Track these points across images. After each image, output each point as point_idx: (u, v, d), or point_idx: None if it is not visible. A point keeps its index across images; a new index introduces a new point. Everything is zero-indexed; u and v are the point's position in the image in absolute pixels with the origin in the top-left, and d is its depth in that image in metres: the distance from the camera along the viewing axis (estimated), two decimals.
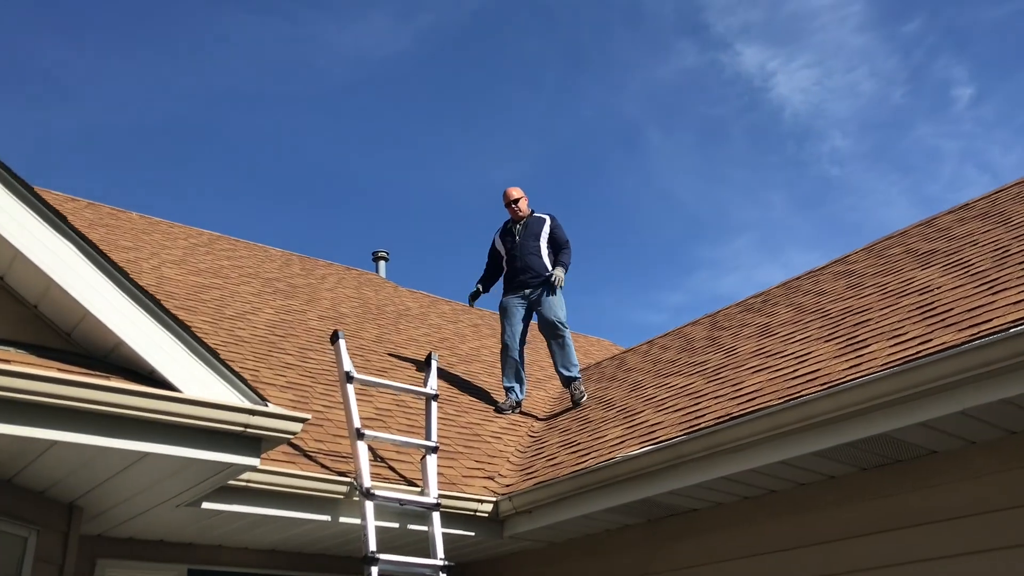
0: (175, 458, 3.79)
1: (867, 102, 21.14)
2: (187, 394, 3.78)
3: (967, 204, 7.49)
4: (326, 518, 4.96)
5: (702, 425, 4.62)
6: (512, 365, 7.60)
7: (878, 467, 4.23)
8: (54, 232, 3.76)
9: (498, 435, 6.99)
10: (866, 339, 4.71)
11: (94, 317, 3.81)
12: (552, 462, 5.78)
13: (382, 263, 14.46)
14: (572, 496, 5.11)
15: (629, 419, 5.89)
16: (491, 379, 8.94)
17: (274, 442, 4.02)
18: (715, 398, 5.15)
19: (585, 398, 7.42)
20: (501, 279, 8.00)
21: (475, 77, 21.25)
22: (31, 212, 3.73)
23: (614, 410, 6.54)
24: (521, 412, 7.61)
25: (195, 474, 4.01)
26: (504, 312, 7.73)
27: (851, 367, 4.30)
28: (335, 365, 7.51)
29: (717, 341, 7.31)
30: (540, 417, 7.53)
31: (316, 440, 5.50)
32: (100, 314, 3.80)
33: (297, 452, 5.19)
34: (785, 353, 5.41)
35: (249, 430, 3.88)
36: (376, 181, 22.61)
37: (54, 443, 3.57)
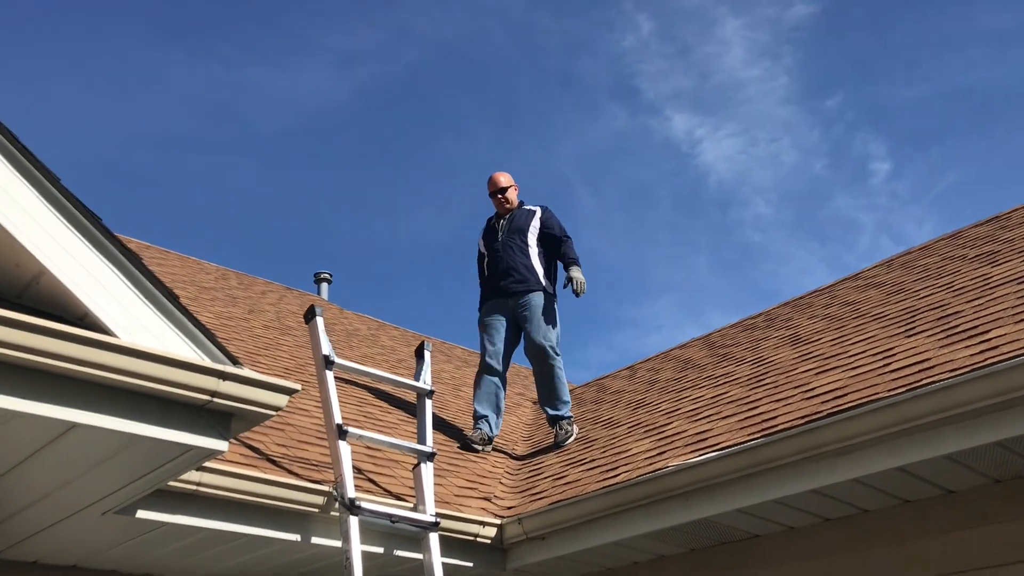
0: (112, 433, 2.70)
1: (789, 172, 21.62)
2: (135, 343, 2.71)
3: (999, 216, 6.82)
4: (295, 537, 3.87)
5: (782, 426, 3.70)
6: (488, 390, 5.96)
7: (1018, 478, 3.36)
8: None
9: (482, 455, 5.96)
10: (977, 328, 3.87)
11: (6, 234, 2.73)
12: (563, 481, 4.79)
13: (324, 285, 13.36)
14: (603, 517, 4.12)
15: (655, 432, 4.94)
16: (458, 400, 7.92)
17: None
18: (777, 401, 4.25)
19: (571, 439, 5.78)
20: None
21: (410, 130, 20.91)
22: None
23: (623, 427, 5.59)
24: (494, 449, 6.03)
25: (138, 460, 2.92)
26: (483, 326, 6.15)
27: (978, 353, 3.45)
28: (289, 371, 6.43)
29: (729, 356, 6.44)
30: (514, 455, 6.08)
31: (278, 444, 4.42)
32: (16, 229, 2.73)
33: (257, 455, 4.11)
34: (851, 353, 4.54)
35: (216, 400, 2.82)
36: (310, 226, 21.84)
37: None
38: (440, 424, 6.59)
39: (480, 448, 5.79)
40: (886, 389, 3.51)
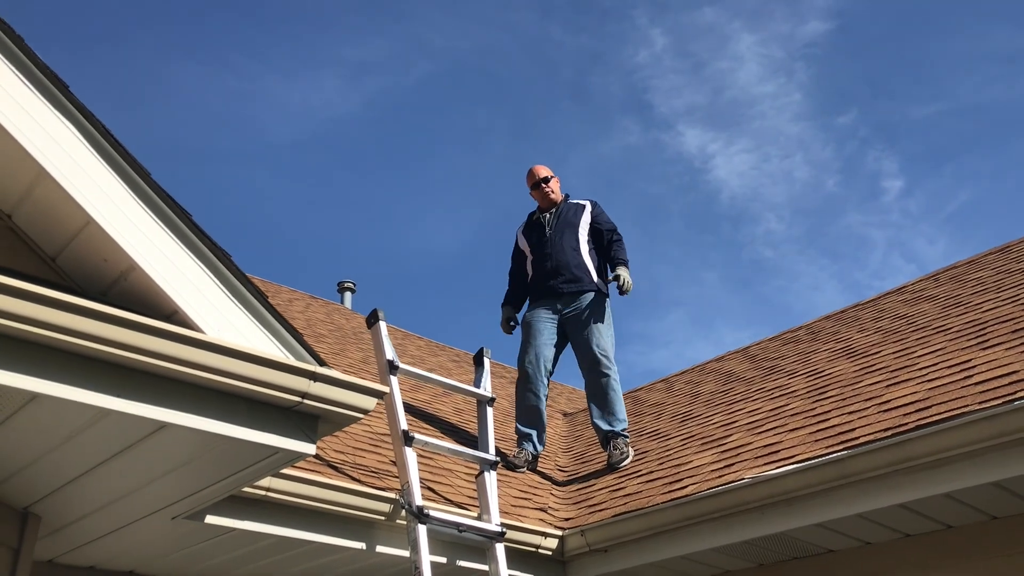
0: (202, 434, 2.63)
1: (801, 188, 21.61)
2: (230, 342, 2.64)
3: None
4: (360, 545, 3.79)
5: (863, 439, 3.61)
6: (530, 404, 5.56)
7: None
8: (40, 97, 2.62)
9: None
10: None
11: (98, 228, 2.67)
12: (622, 493, 4.69)
13: (348, 294, 13.26)
14: (672, 530, 4.03)
15: (715, 444, 4.85)
16: (495, 411, 7.81)
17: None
18: (850, 414, 4.15)
19: (628, 461, 5.26)
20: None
21: (421, 141, 20.93)
22: (8, 66, 2.60)
23: (675, 439, 5.49)
24: (537, 471, 5.57)
25: (222, 463, 2.85)
26: (527, 330, 5.67)
27: None
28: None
29: (777, 369, 6.35)
30: (560, 467, 5.98)
31: (336, 451, 4.35)
32: (108, 224, 2.66)
33: (319, 462, 4.03)
34: (921, 366, 4.45)
35: (307, 401, 2.74)
36: (324, 235, 21.84)
37: (34, 396, 2.40)
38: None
39: (524, 469, 5.42)
40: (976, 402, 3.42)
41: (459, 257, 22.62)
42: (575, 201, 5.93)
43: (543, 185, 5.88)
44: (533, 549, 4.30)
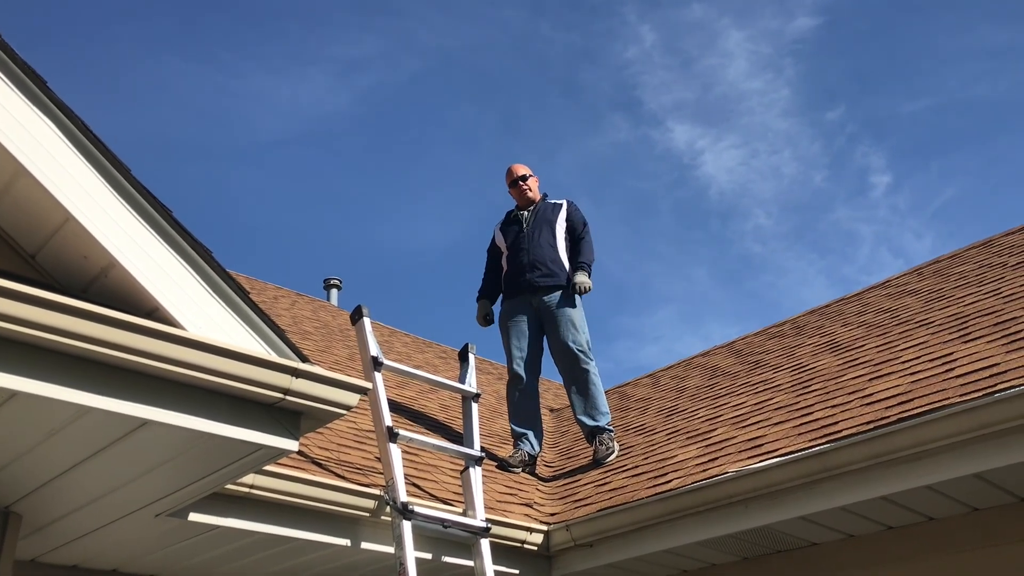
0: (183, 431, 2.62)
1: (790, 184, 21.66)
2: (212, 339, 2.63)
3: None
4: (344, 542, 3.79)
5: (846, 432, 3.63)
6: (523, 404, 5.57)
7: None
8: (19, 94, 2.61)
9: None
10: None
11: (77, 225, 2.65)
12: (608, 488, 4.70)
13: (334, 291, 13.24)
14: (656, 524, 4.04)
15: (699, 438, 4.86)
16: (480, 407, 7.81)
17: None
18: (833, 407, 4.17)
19: (613, 456, 5.27)
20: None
21: (411, 138, 20.87)
22: None
23: (660, 434, 5.51)
24: (534, 473, 5.49)
25: (203, 460, 2.84)
26: (506, 329, 5.71)
27: None
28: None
29: (763, 364, 6.37)
30: (546, 463, 5.93)
31: (321, 448, 4.34)
32: (88, 221, 2.64)
33: (303, 458, 4.02)
34: (903, 359, 4.47)
35: (289, 397, 2.73)
36: (313, 233, 21.76)
37: (13, 394, 2.38)
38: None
39: (520, 470, 5.34)
40: (957, 394, 3.44)
41: (447, 254, 22.60)
42: (552, 201, 6.02)
43: (520, 183, 5.96)
44: (518, 544, 4.31)
